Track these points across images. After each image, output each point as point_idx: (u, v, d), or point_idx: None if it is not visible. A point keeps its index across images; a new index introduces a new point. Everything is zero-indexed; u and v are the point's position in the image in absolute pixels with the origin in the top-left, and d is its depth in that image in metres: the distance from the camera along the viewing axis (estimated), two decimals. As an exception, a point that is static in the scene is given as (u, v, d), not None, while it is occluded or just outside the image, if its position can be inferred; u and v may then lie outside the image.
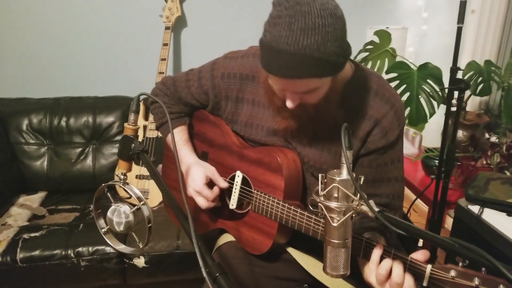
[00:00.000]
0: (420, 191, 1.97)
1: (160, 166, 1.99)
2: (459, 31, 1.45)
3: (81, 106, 2.21)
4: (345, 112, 1.05)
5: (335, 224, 0.79)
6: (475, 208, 1.41)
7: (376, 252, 0.90)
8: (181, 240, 1.72)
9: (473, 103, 2.60)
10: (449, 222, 2.38)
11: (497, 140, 2.12)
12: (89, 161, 2.17)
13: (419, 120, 1.95)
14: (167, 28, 2.25)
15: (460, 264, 0.82)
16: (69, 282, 1.67)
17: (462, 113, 2.29)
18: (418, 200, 2.00)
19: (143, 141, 2.12)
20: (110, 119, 2.21)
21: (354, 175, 0.79)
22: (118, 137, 2.21)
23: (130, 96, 2.30)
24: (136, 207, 0.97)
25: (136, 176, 2.06)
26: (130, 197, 0.97)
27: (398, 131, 1.08)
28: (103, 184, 0.99)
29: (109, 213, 0.98)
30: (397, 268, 0.86)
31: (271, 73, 0.91)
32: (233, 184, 1.19)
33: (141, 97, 0.98)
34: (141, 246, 1.00)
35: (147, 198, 2.03)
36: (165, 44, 2.22)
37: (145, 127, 2.16)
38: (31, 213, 1.90)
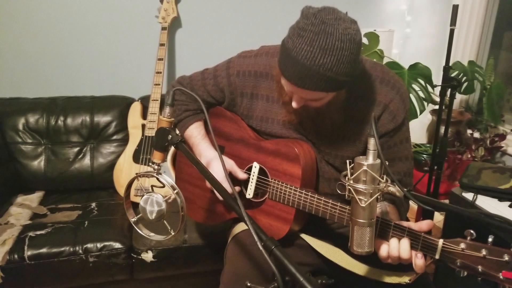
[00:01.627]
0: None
1: (165, 163, 2.03)
2: (451, 32, 1.56)
3: (78, 105, 2.20)
4: (353, 101, 1.15)
5: (363, 205, 0.87)
6: (469, 196, 1.53)
7: (383, 252, 0.97)
8: (187, 234, 1.75)
9: (454, 101, 2.76)
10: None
11: (480, 135, 2.27)
12: (87, 160, 2.17)
13: (410, 116, 2.06)
14: (163, 28, 2.28)
15: (469, 238, 0.90)
16: (78, 278, 1.67)
17: (447, 111, 2.44)
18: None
19: (142, 140, 2.15)
20: (107, 118, 2.21)
21: (380, 161, 0.86)
22: (116, 136, 2.22)
23: (127, 95, 2.32)
24: (168, 196, 1.01)
25: (137, 174, 2.08)
26: (163, 186, 1.02)
27: (404, 114, 1.18)
28: (136, 173, 1.03)
29: (142, 202, 1.02)
30: (404, 246, 0.94)
31: (285, 77, 1.00)
32: (249, 174, 1.25)
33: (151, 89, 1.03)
34: (173, 233, 1.04)
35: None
36: (162, 44, 2.25)
37: (143, 126, 2.18)
38: (31, 212, 1.89)
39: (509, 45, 2.62)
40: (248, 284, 0.77)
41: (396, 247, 0.95)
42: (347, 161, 0.89)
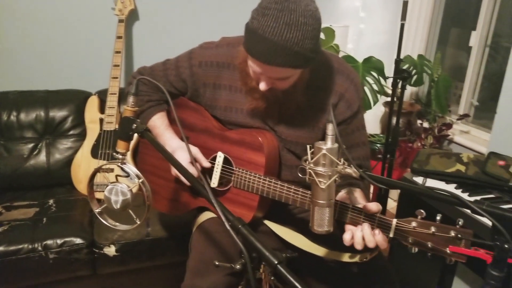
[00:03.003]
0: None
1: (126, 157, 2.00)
2: (402, 27, 1.66)
3: (32, 100, 2.12)
4: (313, 90, 1.21)
5: (322, 186, 0.92)
6: (419, 179, 1.63)
7: (347, 236, 1.02)
8: (150, 227, 1.75)
9: (405, 93, 2.91)
10: (392, 194, 2.61)
11: (428, 125, 2.42)
12: (43, 156, 2.10)
13: (364, 108, 2.16)
14: (120, 21, 2.24)
15: (419, 217, 0.98)
16: (39, 275, 1.62)
17: (398, 102, 2.58)
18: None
19: (100, 134, 2.10)
20: (63, 113, 2.15)
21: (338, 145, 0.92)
22: (73, 131, 2.16)
23: (84, 89, 2.26)
24: (134, 185, 1.02)
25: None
26: (128, 176, 1.02)
27: (359, 102, 1.26)
28: (100, 165, 1.03)
29: (106, 192, 1.02)
30: (367, 233, 1.00)
31: (253, 56, 1.02)
32: (214, 164, 1.28)
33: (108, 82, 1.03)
34: (138, 222, 1.05)
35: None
36: (119, 37, 2.21)
37: (101, 120, 2.14)
38: (-16, 211, 1.81)
39: (455, 41, 2.81)
40: (217, 263, 0.80)
41: (359, 232, 1.01)
42: (308, 146, 0.94)
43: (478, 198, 1.47)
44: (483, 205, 0.73)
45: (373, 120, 2.90)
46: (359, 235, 1.01)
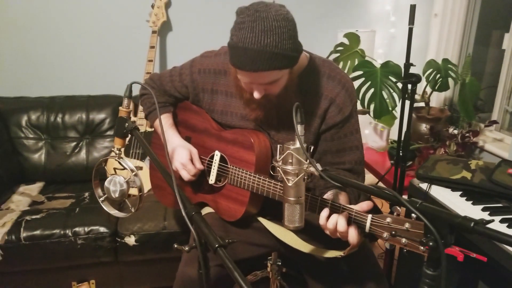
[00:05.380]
0: (387, 179, 2.18)
1: (148, 159, 2.17)
2: (410, 31, 1.67)
3: (75, 104, 2.39)
4: (303, 95, 1.27)
5: (290, 184, 0.99)
6: (424, 186, 1.62)
7: (323, 213, 1.09)
8: (167, 221, 1.90)
9: (438, 99, 2.83)
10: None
11: (455, 131, 2.35)
12: (82, 154, 2.35)
13: (382, 113, 2.16)
14: (153, 32, 2.44)
15: (395, 213, 1.01)
16: (67, 258, 1.83)
17: (426, 108, 2.52)
18: (383, 185, 2.22)
19: (131, 136, 2.30)
20: (101, 115, 2.39)
21: (306, 145, 0.99)
22: (110, 132, 2.39)
23: (120, 94, 2.48)
24: (129, 177, 1.16)
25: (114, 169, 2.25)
26: (124, 169, 1.16)
27: (351, 107, 1.29)
28: (101, 159, 1.19)
29: (106, 183, 1.17)
30: (341, 220, 1.06)
31: (240, 69, 1.12)
32: (212, 162, 1.39)
33: (138, 90, 1.18)
34: (133, 211, 1.19)
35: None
36: (152, 47, 2.41)
37: (133, 122, 2.34)
38: (31, 200, 2.07)
39: (491, 43, 2.69)
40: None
41: (334, 220, 1.06)
42: (278, 146, 1.02)
43: (481, 206, 1.44)
44: (417, 204, 0.76)
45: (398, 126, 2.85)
46: (335, 218, 1.06)
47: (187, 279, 1.32)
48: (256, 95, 1.17)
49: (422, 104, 2.51)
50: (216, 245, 0.77)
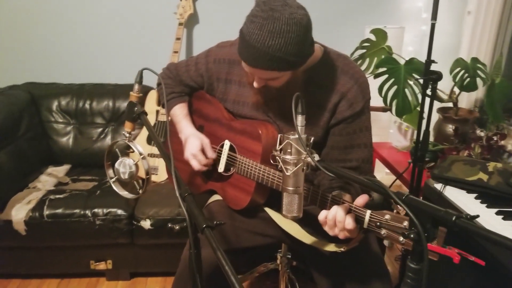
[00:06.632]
0: (406, 178, 2.13)
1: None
2: (432, 26, 1.62)
3: (103, 91, 2.49)
4: (315, 88, 1.27)
5: (288, 174, 1.00)
6: (439, 186, 1.58)
7: (324, 211, 1.09)
8: (182, 208, 1.95)
9: (468, 100, 2.73)
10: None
11: (482, 133, 2.26)
12: (108, 139, 2.45)
13: (404, 111, 2.11)
14: (180, 24, 2.50)
15: (395, 210, 1.00)
16: (86, 237, 1.93)
17: (454, 109, 2.44)
18: (403, 185, 2.17)
19: (155, 125, 2.37)
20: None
21: (306, 136, 0.99)
22: (135, 120, 2.47)
23: (145, 84, 2.55)
24: (137, 160, 1.21)
25: (148, 155, 2.32)
26: (133, 151, 1.21)
27: (363, 103, 1.26)
28: (112, 141, 1.24)
29: (116, 164, 1.23)
30: (340, 211, 1.06)
31: (242, 59, 1.14)
32: (221, 151, 1.42)
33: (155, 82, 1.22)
34: (140, 192, 1.23)
35: (156, 174, 2.28)
36: (178, 39, 2.47)
37: (157, 111, 2.41)
38: (57, 180, 2.18)
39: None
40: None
41: (333, 213, 1.06)
42: (278, 136, 1.03)
43: (495, 210, 1.39)
44: (403, 196, 0.75)
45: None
46: (333, 212, 1.06)
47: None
48: (255, 84, 1.20)
49: (450, 104, 2.44)
50: (204, 225, 0.79)
